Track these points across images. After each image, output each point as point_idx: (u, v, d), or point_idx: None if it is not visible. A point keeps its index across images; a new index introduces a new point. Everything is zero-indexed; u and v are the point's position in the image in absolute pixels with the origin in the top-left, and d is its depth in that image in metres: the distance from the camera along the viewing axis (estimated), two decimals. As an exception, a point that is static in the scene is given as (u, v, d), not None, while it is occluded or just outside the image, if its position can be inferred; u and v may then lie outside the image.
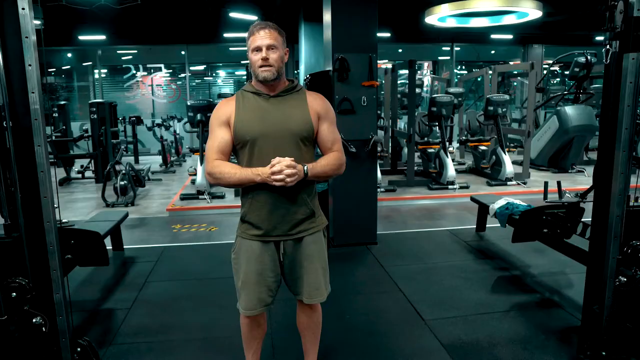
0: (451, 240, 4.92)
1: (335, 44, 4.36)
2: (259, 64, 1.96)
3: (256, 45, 1.96)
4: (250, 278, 2.08)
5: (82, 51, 12.96)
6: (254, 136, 1.98)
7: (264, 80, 1.98)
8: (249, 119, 2.00)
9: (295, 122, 2.01)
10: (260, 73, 1.97)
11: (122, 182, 6.62)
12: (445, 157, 7.16)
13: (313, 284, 2.13)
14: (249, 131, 1.99)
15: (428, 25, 9.84)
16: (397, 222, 5.68)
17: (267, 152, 1.97)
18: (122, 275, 4.05)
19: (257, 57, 1.96)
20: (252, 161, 2.00)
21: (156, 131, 10.52)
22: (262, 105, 2.02)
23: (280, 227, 2.05)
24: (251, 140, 1.99)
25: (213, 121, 2.07)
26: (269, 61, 1.96)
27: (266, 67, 1.96)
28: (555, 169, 8.35)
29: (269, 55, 1.95)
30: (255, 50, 1.96)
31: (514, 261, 4.22)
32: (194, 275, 4.06)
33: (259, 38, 1.96)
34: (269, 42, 1.96)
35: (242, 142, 2.02)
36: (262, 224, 2.04)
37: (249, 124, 1.99)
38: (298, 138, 2.01)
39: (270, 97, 2.03)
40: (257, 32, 1.96)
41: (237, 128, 2.00)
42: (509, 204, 4.31)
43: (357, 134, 4.38)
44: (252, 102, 2.04)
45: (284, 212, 2.03)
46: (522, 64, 10.72)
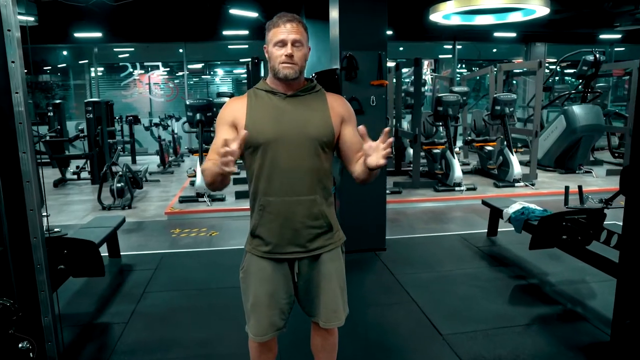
0: (462, 245, 4.72)
1: (343, 41, 4.15)
2: (281, 59, 1.74)
3: (280, 38, 1.74)
4: (262, 301, 1.87)
5: (78, 49, 12.71)
6: (267, 139, 1.77)
7: (284, 78, 1.76)
8: (262, 120, 1.78)
9: (314, 125, 1.80)
10: (282, 70, 1.75)
11: (118, 184, 6.41)
12: (452, 157, 6.97)
13: (331, 306, 1.92)
14: (262, 133, 1.76)
15: (430, 23, 9.64)
16: (404, 226, 5.48)
17: (282, 158, 1.77)
18: (118, 285, 3.84)
19: (279, 52, 1.74)
20: (264, 169, 1.79)
21: (154, 131, 10.29)
22: (277, 105, 1.81)
23: (295, 244, 1.84)
24: (264, 144, 1.77)
25: (218, 120, 1.87)
26: (294, 58, 1.75)
27: (289, 64, 1.75)
28: (562, 170, 8.17)
29: (294, 51, 1.74)
30: (278, 44, 1.75)
31: (530, 268, 4.03)
32: (195, 284, 3.85)
33: (284, 31, 1.74)
34: (295, 37, 1.74)
35: (253, 146, 1.79)
36: (274, 239, 1.84)
37: (263, 125, 1.77)
38: (317, 143, 1.80)
39: (286, 97, 1.82)
40: (282, 25, 1.74)
41: (248, 129, 1.75)
42: (524, 208, 4.12)
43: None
44: (266, 101, 1.82)
45: (299, 226, 1.82)
46: (529, 62, 10.52)
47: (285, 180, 1.79)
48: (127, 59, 13.21)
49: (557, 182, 7.44)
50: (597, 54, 7.76)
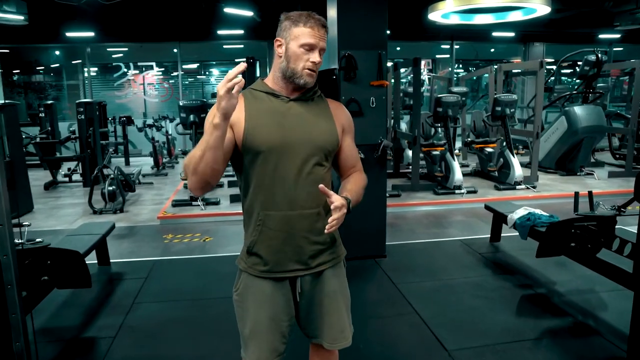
0: (464, 251, 4.57)
1: (341, 40, 3.99)
2: (307, 65, 1.57)
3: (311, 42, 1.57)
4: (262, 326, 1.69)
5: (71, 49, 12.48)
6: (270, 146, 1.58)
7: (304, 85, 1.60)
8: (264, 124, 1.60)
9: (320, 132, 1.65)
10: (305, 76, 1.58)
11: (110, 187, 6.22)
12: (452, 160, 6.82)
13: (337, 326, 1.75)
14: (266, 140, 1.58)
15: (428, 23, 9.48)
16: (405, 231, 5.33)
17: (285, 167, 1.59)
18: (107, 296, 3.67)
19: (306, 56, 1.57)
20: (264, 180, 1.61)
21: (147, 132, 10.09)
22: (279, 109, 1.63)
23: (297, 261, 1.67)
24: (266, 152, 1.59)
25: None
26: (317, 68, 1.60)
27: (313, 72, 1.60)
28: (564, 172, 8.02)
29: (321, 60, 1.60)
30: (305, 47, 1.57)
31: (536, 277, 3.88)
32: (187, 294, 3.68)
33: (315, 35, 1.58)
34: (324, 45, 1.61)
35: (253, 154, 1.60)
36: (274, 257, 1.66)
37: (265, 131, 1.59)
38: (323, 152, 1.64)
39: (289, 100, 1.65)
40: (316, 28, 1.58)
41: (248, 135, 1.58)
42: (530, 214, 3.97)
43: (366, 138, 4.01)
44: (267, 103, 1.64)
45: (303, 242, 1.65)
46: (530, 62, 10.37)
47: (289, 192, 1.62)
48: (121, 59, 13.01)
49: (559, 185, 7.30)
50: (599, 54, 7.62)
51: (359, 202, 1.70)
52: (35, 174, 8.90)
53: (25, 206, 6.31)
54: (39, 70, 13.12)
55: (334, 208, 1.51)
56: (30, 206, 6.42)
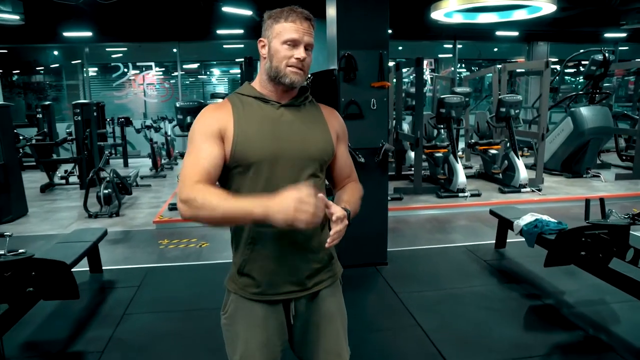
0: (469, 258, 4.42)
1: (341, 39, 3.84)
2: (290, 62, 1.44)
3: (293, 37, 1.43)
4: (254, 352, 1.54)
5: (70, 49, 12.35)
6: (262, 157, 1.44)
7: (290, 84, 1.46)
8: (255, 133, 1.46)
9: (315, 141, 1.51)
10: (290, 74, 1.45)
11: (105, 190, 6.09)
12: (455, 162, 6.66)
13: (333, 350, 1.61)
14: (257, 150, 1.44)
15: (430, 22, 9.34)
16: (407, 236, 5.17)
17: (278, 180, 1.44)
18: (97, 305, 3.53)
19: (289, 53, 1.43)
20: (257, 190, 1.46)
21: (146, 133, 9.96)
22: (270, 116, 1.49)
23: (292, 281, 1.53)
24: (257, 164, 1.45)
25: (196, 130, 1.47)
26: (303, 65, 1.46)
27: (299, 70, 1.45)
28: (569, 174, 7.86)
29: (306, 56, 1.45)
30: (288, 43, 1.44)
31: (544, 286, 3.72)
32: (181, 304, 3.54)
33: (299, 30, 1.43)
34: (310, 40, 1.46)
35: (243, 166, 1.46)
36: (267, 278, 1.52)
37: (257, 141, 1.45)
38: (318, 163, 1.51)
39: (280, 106, 1.51)
40: (299, 22, 1.44)
41: (237, 145, 1.44)
42: (537, 221, 3.81)
43: (366, 141, 3.87)
44: (256, 110, 1.50)
45: (298, 261, 1.52)
46: (535, 62, 10.19)
47: None
48: (120, 59, 12.88)
49: (565, 187, 7.14)
50: (606, 53, 7.45)
51: (356, 214, 1.55)
52: (32, 176, 8.79)
53: (19, 210, 6.18)
54: (39, 71, 13.01)
55: (335, 220, 1.37)
56: (24, 210, 6.29)
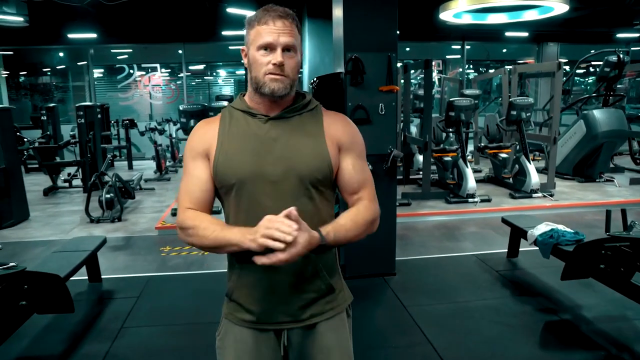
0: (480, 268, 4.26)
1: (348, 41, 3.69)
2: (267, 69, 1.29)
3: (267, 41, 1.29)
4: None
5: (76, 50, 12.29)
6: (241, 177, 1.33)
7: (271, 93, 1.31)
8: (235, 152, 1.34)
9: (304, 158, 1.34)
10: (268, 83, 1.30)
11: (107, 195, 5.98)
12: (465, 166, 6.50)
13: None
14: (235, 171, 1.33)
15: (439, 22, 9.18)
16: (415, 244, 5.02)
17: (262, 202, 1.33)
18: (94, 318, 3.40)
19: (265, 59, 1.29)
20: (239, 216, 1.36)
21: (150, 135, 9.86)
22: (255, 132, 1.36)
23: (283, 311, 1.40)
24: (238, 185, 1.33)
25: (186, 152, 1.42)
26: (284, 69, 1.30)
27: (278, 75, 1.30)
28: (582, 178, 7.66)
29: (285, 60, 1.30)
30: (263, 48, 1.30)
31: (560, 300, 3.55)
32: (181, 317, 3.40)
33: (273, 31, 1.29)
34: (288, 40, 1.30)
35: (225, 187, 1.36)
36: (256, 306, 1.40)
37: (235, 160, 1.33)
38: (308, 182, 1.34)
39: (268, 120, 1.37)
40: (271, 22, 1.29)
41: (217, 165, 1.34)
42: (553, 231, 3.64)
43: (374, 147, 3.71)
44: (242, 125, 1.37)
45: (289, 290, 1.38)
46: (547, 64, 9.96)
47: None
48: (126, 60, 12.81)
49: (577, 192, 6.95)
50: (620, 54, 7.25)
51: (352, 241, 1.37)
52: (36, 179, 8.72)
53: (21, 214, 6.09)
54: (46, 72, 12.97)
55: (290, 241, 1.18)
56: (26, 214, 6.20)
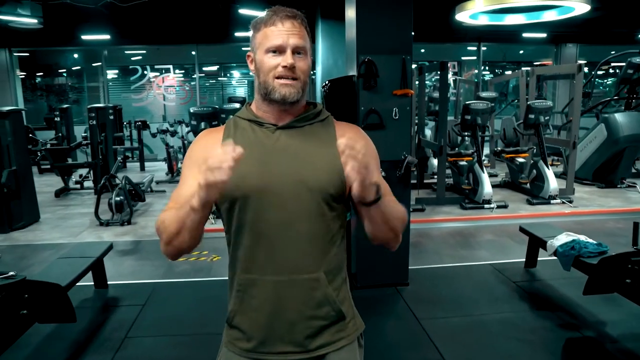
0: (496, 279, 4.10)
1: (361, 43, 3.56)
2: (277, 72, 1.20)
3: (276, 43, 1.19)
4: None
5: (91, 51, 12.34)
6: (246, 192, 1.21)
7: (282, 100, 1.21)
8: (241, 165, 1.19)
9: (316, 170, 1.23)
10: (278, 88, 1.20)
11: (117, 197, 5.92)
12: (481, 172, 6.32)
13: None
14: (241, 184, 1.20)
15: (455, 23, 9.01)
16: (429, 252, 4.87)
17: (268, 219, 1.22)
18: (98, 326, 3.32)
19: (274, 62, 1.19)
20: (243, 234, 1.24)
21: (162, 137, 9.84)
22: (263, 142, 1.25)
23: (289, 340, 1.27)
24: (242, 198, 1.22)
25: (185, 162, 1.32)
26: (295, 72, 1.20)
27: (289, 80, 1.20)
28: (602, 184, 7.42)
29: (295, 62, 1.19)
30: (271, 51, 1.20)
31: (582, 314, 3.38)
32: (186, 327, 3.31)
33: (282, 32, 1.19)
34: (298, 41, 1.20)
35: (227, 201, 1.24)
36: (259, 333, 1.28)
37: (241, 172, 1.19)
38: (320, 197, 1.23)
39: (277, 129, 1.26)
40: (279, 23, 1.19)
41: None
42: (574, 242, 3.47)
43: (387, 153, 3.57)
44: (249, 135, 1.27)
45: (295, 317, 1.26)
46: (567, 66, 9.70)
47: (275, 252, 1.24)
48: (140, 61, 12.83)
49: (598, 199, 6.73)
50: (644, 57, 7.02)
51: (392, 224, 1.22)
52: (49, 180, 8.73)
53: (31, 216, 6.07)
54: (61, 73, 13.07)
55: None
56: (36, 216, 6.17)
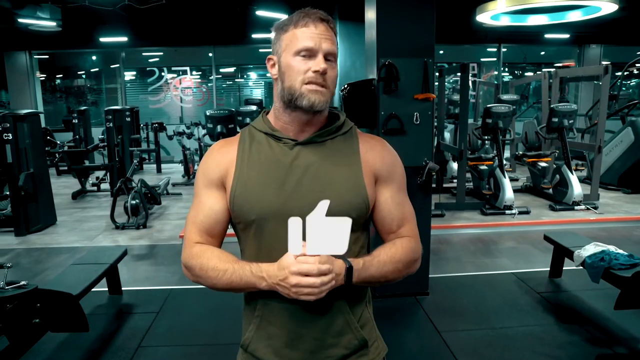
0: (520, 289, 3.95)
1: (381, 46, 3.45)
2: (307, 77, 1.10)
3: (307, 45, 1.09)
4: None
5: (109, 53, 12.43)
6: (262, 214, 1.14)
7: (310, 107, 1.11)
8: (255, 183, 1.15)
9: (338, 194, 1.13)
10: (308, 95, 1.10)
11: (133, 201, 5.90)
12: (503, 177, 6.15)
13: None
14: (255, 206, 1.14)
15: (475, 24, 8.83)
16: (449, 260, 4.73)
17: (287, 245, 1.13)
18: (112, 334, 3.26)
19: (304, 66, 1.10)
20: (261, 254, 1.16)
21: (178, 139, 9.84)
22: (279, 158, 1.16)
23: None
24: (258, 222, 1.14)
25: (198, 179, 1.23)
26: (326, 80, 1.11)
27: (319, 87, 1.10)
28: (628, 189, 7.18)
29: (327, 68, 1.10)
30: (302, 54, 1.10)
31: (612, 329, 3.22)
32: (200, 337, 3.24)
33: (314, 34, 1.10)
34: (330, 47, 1.11)
35: (243, 222, 1.17)
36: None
37: (255, 193, 1.14)
38: None
39: (296, 144, 1.17)
40: (312, 24, 1.10)
41: (234, 197, 1.16)
42: (604, 253, 3.31)
43: (408, 159, 3.34)
44: (265, 150, 1.18)
45: (315, 345, 1.17)
46: (593, 68, 9.41)
47: None
48: (157, 63, 12.88)
49: (624, 205, 6.50)
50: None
51: (386, 280, 1.18)
52: (67, 182, 8.78)
53: (48, 219, 6.08)
54: (80, 75, 13.20)
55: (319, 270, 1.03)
56: (53, 219, 6.18)
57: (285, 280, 1.04)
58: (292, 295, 1.04)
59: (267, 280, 1.08)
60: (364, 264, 1.13)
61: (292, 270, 1.02)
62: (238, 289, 1.14)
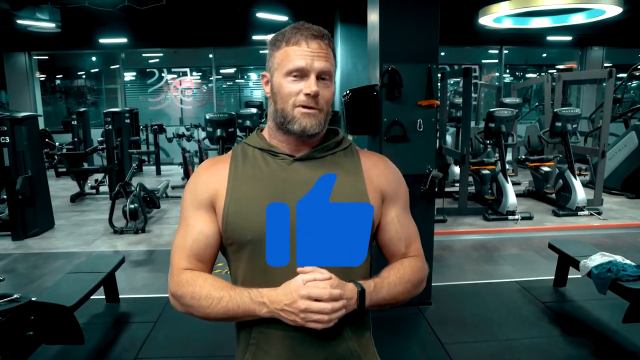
0: (524, 299, 3.88)
1: (384, 51, 3.38)
2: (298, 100, 1.04)
3: (298, 65, 1.03)
4: None
5: (109, 54, 12.38)
6: (257, 235, 1.07)
7: (301, 132, 1.06)
8: (250, 200, 1.08)
9: None
10: (299, 119, 1.05)
11: (131, 205, 5.83)
12: (505, 182, 6.09)
13: None
14: (251, 224, 1.07)
15: (478, 27, 8.77)
16: (452, 267, 4.66)
17: (287, 267, 1.07)
18: (108, 345, 3.19)
19: (295, 87, 1.04)
20: (256, 278, 1.09)
21: (178, 142, 9.78)
22: (277, 176, 1.10)
23: None
24: (254, 243, 1.07)
25: (186, 199, 1.16)
26: (319, 102, 1.05)
27: (311, 109, 1.05)
28: (632, 194, 7.11)
29: (320, 89, 1.04)
30: (293, 74, 1.04)
31: (620, 342, 3.16)
32: (197, 349, 3.17)
33: (306, 53, 1.03)
34: (324, 65, 1.04)
35: (236, 244, 1.10)
36: None
37: (251, 210, 1.07)
38: None
39: (294, 161, 1.11)
40: (303, 42, 1.04)
41: (227, 216, 1.09)
42: (611, 263, 3.24)
43: (410, 167, 3.38)
44: (261, 167, 1.11)
45: None
46: (596, 71, 9.35)
47: None
48: (157, 64, 12.82)
49: (628, 210, 6.43)
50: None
51: (397, 301, 1.13)
52: (65, 183, 8.72)
53: (46, 223, 6.01)
54: (80, 76, 13.15)
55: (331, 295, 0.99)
56: (51, 223, 6.12)
57: (292, 304, 0.98)
58: (299, 322, 0.99)
59: (268, 306, 1.02)
60: (375, 286, 1.08)
61: (302, 294, 0.97)
62: (234, 317, 1.08)
